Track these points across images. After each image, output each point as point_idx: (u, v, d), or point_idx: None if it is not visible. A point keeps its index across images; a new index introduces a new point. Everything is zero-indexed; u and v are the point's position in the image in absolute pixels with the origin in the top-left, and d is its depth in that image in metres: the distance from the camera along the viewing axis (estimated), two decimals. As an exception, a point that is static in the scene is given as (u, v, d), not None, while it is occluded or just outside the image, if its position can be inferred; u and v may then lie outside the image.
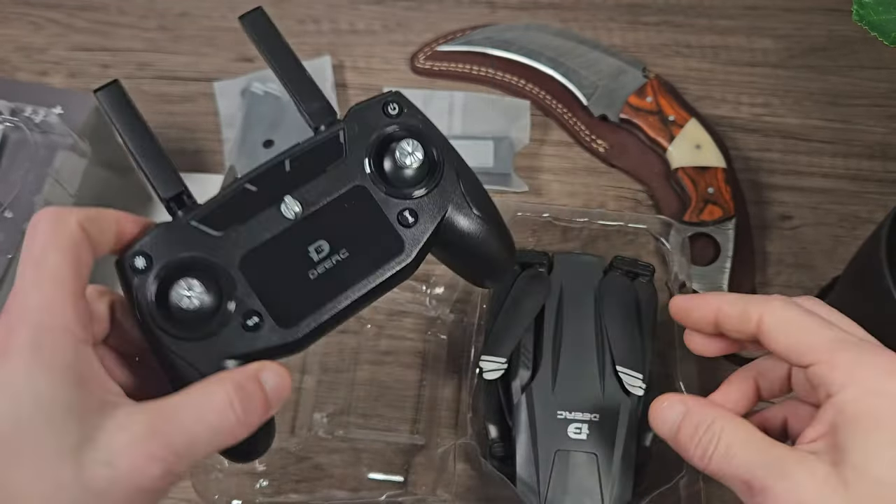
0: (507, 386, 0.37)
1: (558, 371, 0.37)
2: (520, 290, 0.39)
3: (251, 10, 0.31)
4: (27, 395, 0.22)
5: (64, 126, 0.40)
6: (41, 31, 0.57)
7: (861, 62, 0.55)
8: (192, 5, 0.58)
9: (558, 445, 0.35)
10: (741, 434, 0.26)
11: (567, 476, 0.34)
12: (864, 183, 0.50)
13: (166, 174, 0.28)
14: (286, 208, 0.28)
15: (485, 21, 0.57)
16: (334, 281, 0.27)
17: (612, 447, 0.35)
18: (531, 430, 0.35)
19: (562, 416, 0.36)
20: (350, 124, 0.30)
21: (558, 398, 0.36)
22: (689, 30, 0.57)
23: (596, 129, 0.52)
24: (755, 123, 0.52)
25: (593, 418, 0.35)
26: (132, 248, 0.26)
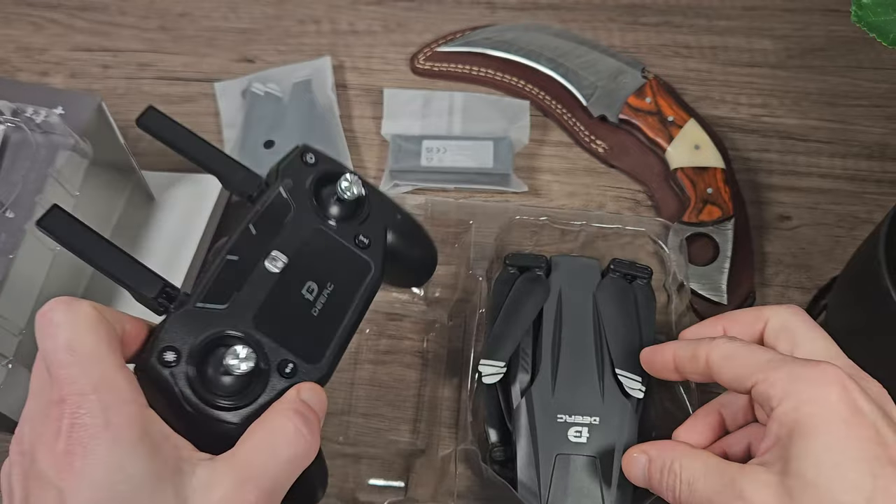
0: (507, 390, 0.37)
1: (558, 374, 0.37)
2: (518, 293, 0.39)
3: (144, 111, 0.33)
4: (119, 477, 0.23)
5: (65, 126, 0.40)
6: (42, 31, 0.57)
7: (860, 63, 0.55)
8: (192, 6, 0.58)
9: (559, 449, 0.35)
10: (699, 466, 0.28)
11: (568, 479, 0.34)
12: (862, 183, 0.50)
13: (142, 276, 0.29)
14: (272, 264, 0.30)
15: (484, 22, 0.58)
16: (333, 311, 0.31)
17: (612, 450, 0.35)
18: (531, 434, 0.35)
19: (562, 420, 0.36)
20: (284, 181, 0.33)
21: (558, 402, 0.36)
22: (688, 30, 0.57)
23: (595, 129, 0.52)
24: (754, 124, 0.53)
25: (593, 421, 0.36)
26: (155, 348, 0.27)
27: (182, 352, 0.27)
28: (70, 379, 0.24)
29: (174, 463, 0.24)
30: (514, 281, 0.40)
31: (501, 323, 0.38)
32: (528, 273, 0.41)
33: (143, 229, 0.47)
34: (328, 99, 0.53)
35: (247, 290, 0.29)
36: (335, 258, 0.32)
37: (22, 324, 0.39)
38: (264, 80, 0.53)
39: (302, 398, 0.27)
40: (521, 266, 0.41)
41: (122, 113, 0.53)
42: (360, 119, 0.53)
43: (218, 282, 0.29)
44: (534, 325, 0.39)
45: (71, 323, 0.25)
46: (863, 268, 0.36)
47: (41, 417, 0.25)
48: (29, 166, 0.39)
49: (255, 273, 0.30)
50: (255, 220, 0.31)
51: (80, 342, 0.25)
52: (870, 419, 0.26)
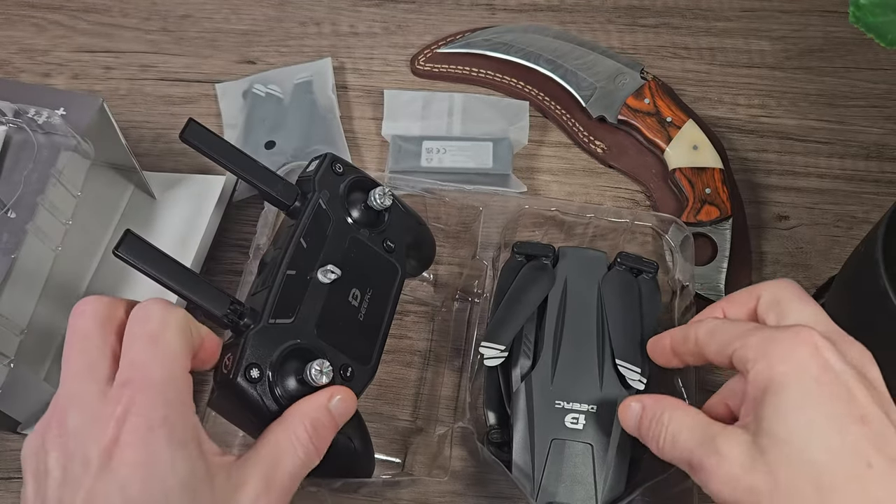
0: (507, 374, 0.38)
1: (558, 361, 0.37)
2: (524, 279, 0.40)
3: (186, 125, 0.34)
4: (169, 474, 0.24)
5: (67, 127, 0.40)
6: (44, 32, 0.58)
7: (857, 63, 0.55)
8: (194, 7, 0.59)
9: (554, 434, 0.35)
10: (687, 421, 0.29)
11: (562, 464, 0.35)
12: (860, 183, 0.50)
13: (212, 295, 0.31)
14: (324, 276, 0.33)
15: (484, 23, 0.58)
16: (374, 313, 0.35)
17: (607, 439, 0.35)
18: (528, 418, 0.36)
19: (559, 406, 0.36)
20: (322, 192, 0.36)
21: (557, 388, 0.36)
22: (686, 32, 0.57)
23: (594, 130, 0.52)
24: (752, 124, 0.53)
25: (591, 409, 0.36)
26: (241, 366, 0.30)
27: (264, 367, 0.30)
28: (144, 365, 0.25)
29: (215, 465, 0.26)
30: (521, 268, 0.41)
31: (505, 307, 0.39)
32: (534, 261, 0.41)
33: (144, 229, 0.48)
34: (329, 100, 0.53)
35: (307, 303, 0.33)
36: (371, 264, 0.36)
37: (24, 323, 0.39)
38: (265, 82, 0.54)
39: (329, 406, 0.29)
40: (528, 254, 0.41)
41: (124, 114, 0.54)
42: (360, 120, 0.54)
43: (283, 297, 0.32)
44: (538, 312, 0.39)
45: (163, 319, 0.27)
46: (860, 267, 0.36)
47: (94, 400, 0.25)
48: (31, 167, 0.39)
49: (311, 285, 0.33)
50: (304, 234, 0.34)
51: (166, 338, 0.26)
52: (842, 378, 0.26)
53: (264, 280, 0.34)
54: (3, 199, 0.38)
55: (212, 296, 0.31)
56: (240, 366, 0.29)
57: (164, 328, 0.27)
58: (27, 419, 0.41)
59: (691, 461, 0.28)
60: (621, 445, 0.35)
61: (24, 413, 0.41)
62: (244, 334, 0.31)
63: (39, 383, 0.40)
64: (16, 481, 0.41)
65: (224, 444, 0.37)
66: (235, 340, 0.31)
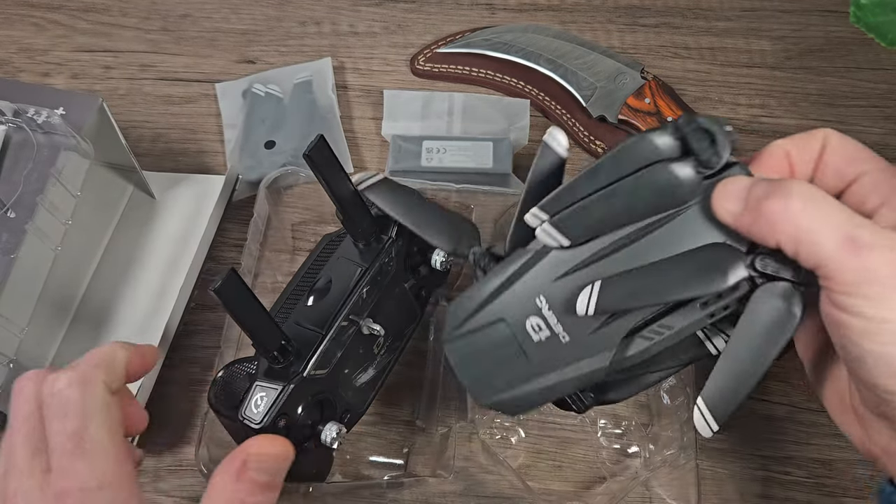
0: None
1: (591, 268, 0.27)
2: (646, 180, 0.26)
3: (315, 142, 0.34)
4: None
5: (66, 127, 0.40)
6: (44, 32, 0.58)
7: (858, 63, 0.55)
8: (194, 7, 0.59)
9: (507, 316, 0.29)
10: (826, 206, 0.23)
11: (488, 342, 0.29)
12: (861, 183, 0.50)
13: (272, 335, 0.32)
14: (367, 328, 0.35)
15: (484, 23, 0.58)
16: (386, 359, 0.37)
17: (550, 370, 0.28)
18: (501, 285, 0.29)
19: (538, 304, 0.28)
20: (398, 243, 0.37)
21: (557, 287, 0.28)
22: (686, 31, 0.57)
23: (594, 130, 0.52)
24: (753, 124, 0.53)
25: (562, 337, 0.28)
26: (270, 416, 0.31)
27: (290, 418, 0.32)
28: (75, 473, 0.24)
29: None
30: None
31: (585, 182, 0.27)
32: (679, 163, 0.29)
33: (144, 229, 0.47)
34: (329, 100, 0.53)
35: (344, 354, 0.34)
36: (401, 311, 0.38)
37: (23, 323, 0.39)
38: (265, 81, 0.54)
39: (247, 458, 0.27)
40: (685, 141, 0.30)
41: (124, 114, 0.54)
42: (360, 120, 0.54)
43: (327, 350, 0.34)
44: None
45: (83, 410, 0.25)
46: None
47: (38, 500, 0.24)
48: (31, 167, 0.39)
49: (353, 337, 0.35)
50: (370, 284, 0.35)
51: (90, 435, 0.24)
52: None
53: (295, 299, 0.36)
54: (3, 198, 0.38)
55: (272, 337, 0.32)
56: (270, 415, 0.31)
57: (85, 423, 0.25)
58: (27, 419, 0.41)
59: (857, 238, 0.22)
60: (558, 385, 0.29)
61: (24, 413, 0.41)
62: (285, 383, 0.32)
63: (39, 383, 0.40)
64: (15, 482, 0.41)
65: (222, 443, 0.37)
66: (270, 381, 0.32)
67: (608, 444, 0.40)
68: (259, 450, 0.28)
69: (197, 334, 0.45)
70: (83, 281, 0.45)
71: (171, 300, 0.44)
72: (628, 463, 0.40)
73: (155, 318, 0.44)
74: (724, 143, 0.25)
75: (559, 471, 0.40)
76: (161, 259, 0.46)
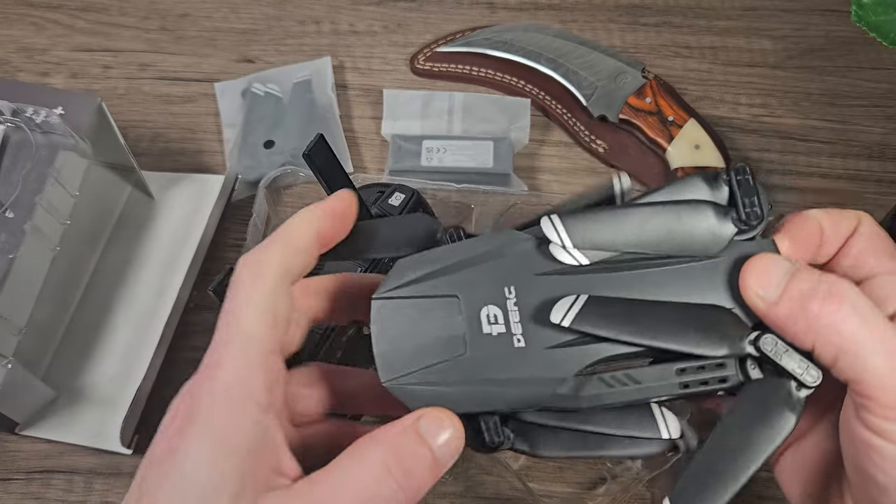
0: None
1: (577, 275, 0.24)
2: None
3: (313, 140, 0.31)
4: (195, 476, 0.20)
5: (65, 126, 0.40)
6: (43, 31, 0.57)
7: (859, 63, 0.55)
8: (193, 6, 0.58)
9: (462, 294, 0.24)
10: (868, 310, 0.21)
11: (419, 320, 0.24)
12: (862, 183, 0.50)
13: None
14: (366, 328, 0.29)
15: (484, 22, 0.58)
16: None
17: (486, 371, 0.24)
18: (480, 256, 0.25)
19: (505, 293, 0.24)
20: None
21: (531, 282, 0.24)
22: (687, 31, 0.57)
23: (595, 129, 0.52)
24: (754, 124, 0.53)
25: (517, 338, 0.24)
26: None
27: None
28: (215, 349, 0.21)
29: (260, 484, 0.20)
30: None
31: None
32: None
33: (142, 229, 0.47)
34: (328, 99, 0.53)
35: (345, 353, 0.35)
36: None
37: (22, 323, 0.39)
38: (264, 81, 0.53)
39: (419, 430, 0.22)
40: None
41: (123, 113, 0.53)
42: (360, 119, 0.53)
43: (328, 350, 0.33)
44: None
45: (246, 291, 0.22)
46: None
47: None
48: (29, 166, 0.39)
49: (353, 337, 0.35)
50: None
51: (241, 317, 0.21)
52: None
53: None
54: (1, 198, 0.38)
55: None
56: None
57: (241, 307, 0.21)
58: (25, 420, 0.41)
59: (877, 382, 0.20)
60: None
61: (23, 414, 0.40)
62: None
63: (38, 384, 0.40)
64: (15, 482, 0.41)
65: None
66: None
67: None
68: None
69: (195, 335, 0.44)
70: (81, 281, 0.45)
71: (170, 300, 0.44)
72: (629, 464, 0.40)
73: (153, 318, 0.44)
74: (766, 204, 0.23)
75: (560, 472, 0.40)
76: (159, 259, 0.46)
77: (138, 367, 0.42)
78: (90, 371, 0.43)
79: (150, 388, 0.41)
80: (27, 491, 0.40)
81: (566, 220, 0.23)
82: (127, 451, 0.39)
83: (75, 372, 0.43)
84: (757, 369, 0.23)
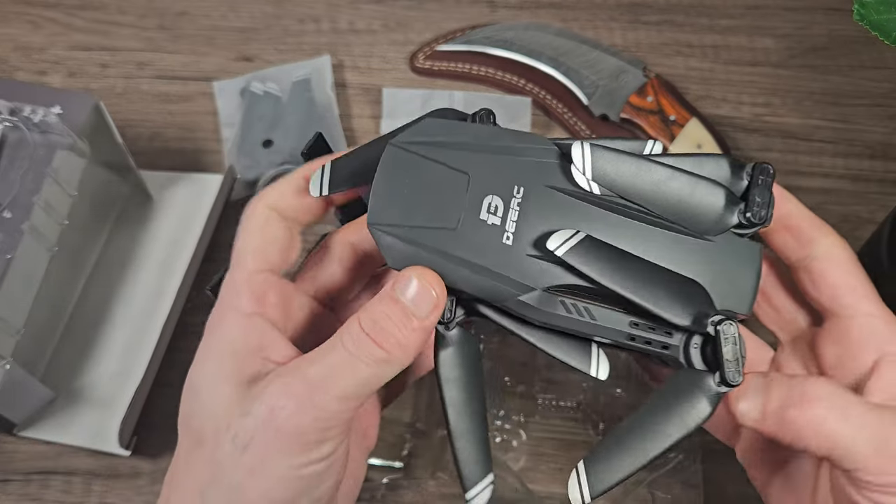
0: None
1: (585, 203, 0.24)
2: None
3: (312, 138, 0.30)
4: (199, 365, 0.25)
5: (63, 126, 0.39)
6: (40, 30, 0.57)
7: (862, 62, 0.54)
8: (191, 5, 0.58)
9: (473, 174, 0.24)
10: (839, 401, 0.23)
11: (425, 180, 0.25)
12: (865, 183, 0.50)
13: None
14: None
15: (485, 20, 0.57)
16: None
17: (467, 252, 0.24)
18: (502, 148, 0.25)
19: (514, 191, 0.24)
20: None
21: (540, 192, 0.24)
22: (689, 29, 0.57)
23: (597, 128, 0.52)
24: (756, 123, 0.52)
25: (507, 234, 0.24)
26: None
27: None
28: (235, 254, 0.27)
29: (252, 371, 0.24)
30: None
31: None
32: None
33: (140, 229, 0.47)
34: (327, 98, 0.53)
35: None
36: None
37: (20, 324, 0.38)
38: (263, 79, 0.53)
39: (394, 294, 0.23)
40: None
41: (121, 112, 0.53)
42: (359, 118, 0.53)
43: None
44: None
45: (243, 223, 0.27)
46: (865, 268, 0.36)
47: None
48: (26, 166, 0.38)
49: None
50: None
51: (237, 243, 0.26)
52: None
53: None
54: (-2, 198, 0.38)
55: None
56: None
57: (239, 235, 0.27)
58: (23, 421, 0.41)
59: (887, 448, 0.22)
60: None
61: (21, 415, 0.40)
62: None
63: (36, 385, 0.40)
64: (13, 483, 0.41)
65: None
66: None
67: None
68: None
69: (194, 335, 0.44)
70: (79, 281, 0.45)
71: (168, 301, 0.43)
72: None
73: (151, 318, 0.44)
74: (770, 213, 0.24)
75: (560, 473, 0.40)
76: (157, 259, 0.46)
77: (137, 367, 0.42)
78: (88, 372, 0.42)
79: (149, 390, 0.41)
80: (25, 492, 0.40)
81: (595, 152, 0.24)
82: (125, 453, 0.39)
83: (73, 373, 0.42)
84: (698, 349, 0.24)
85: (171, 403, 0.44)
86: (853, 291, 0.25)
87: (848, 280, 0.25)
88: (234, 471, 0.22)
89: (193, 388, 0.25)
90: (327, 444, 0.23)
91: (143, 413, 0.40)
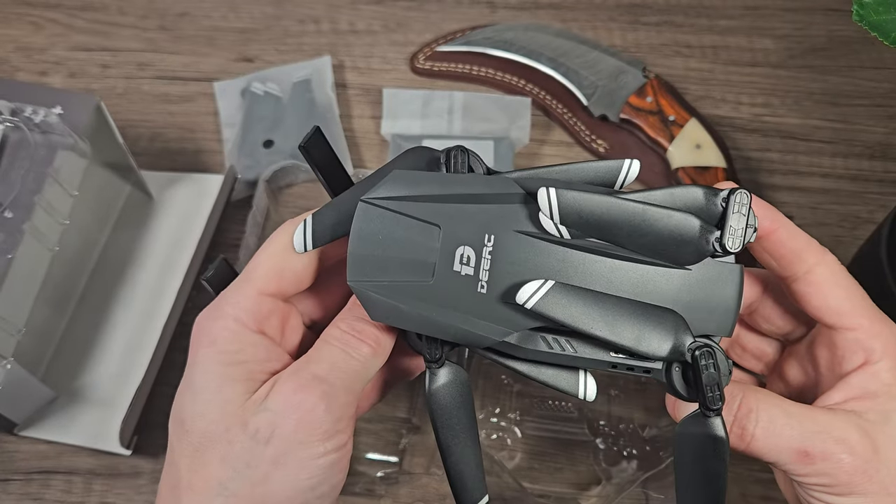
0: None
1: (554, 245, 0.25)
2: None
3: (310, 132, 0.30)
4: (202, 371, 0.26)
5: (64, 126, 0.40)
6: (41, 31, 0.57)
7: (861, 62, 0.55)
8: (192, 5, 0.58)
9: (445, 226, 0.25)
10: (777, 403, 0.25)
11: (398, 237, 0.25)
12: (864, 183, 0.50)
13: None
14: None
15: (485, 21, 0.57)
16: None
17: (443, 304, 0.25)
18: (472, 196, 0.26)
19: (485, 240, 0.25)
20: None
21: (509, 238, 0.25)
22: (689, 30, 0.57)
23: (596, 129, 0.52)
24: (755, 123, 0.52)
25: (481, 284, 0.25)
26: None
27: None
28: (252, 264, 0.27)
29: (249, 376, 0.25)
30: None
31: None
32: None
33: (141, 229, 0.47)
34: (328, 98, 0.53)
35: None
36: None
37: (21, 324, 0.38)
38: (263, 80, 0.53)
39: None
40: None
41: (121, 113, 0.53)
42: (359, 119, 0.53)
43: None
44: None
45: (268, 243, 0.27)
46: (865, 268, 0.36)
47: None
48: (28, 166, 0.38)
49: None
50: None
51: (253, 261, 0.27)
52: None
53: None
54: (0, 198, 0.38)
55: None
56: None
57: (258, 254, 0.27)
58: (24, 420, 0.41)
59: (810, 451, 0.24)
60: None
61: (21, 414, 0.40)
62: None
63: (37, 384, 0.40)
64: (14, 483, 0.41)
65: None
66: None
67: (605, 445, 0.40)
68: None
69: (195, 335, 0.44)
70: (80, 281, 0.45)
71: (169, 301, 0.44)
72: (625, 465, 0.39)
73: (152, 318, 0.44)
74: (750, 235, 0.24)
75: (556, 472, 0.40)
76: (158, 259, 0.46)
77: (137, 367, 0.42)
78: (89, 371, 0.43)
79: (150, 389, 0.41)
80: (26, 492, 0.40)
81: (562, 197, 0.24)
82: (126, 452, 0.39)
83: (74, 372, 0.42)
84: (679, 373, 0.25)
85: (171, 403, 0.44)
86: (835, 313, 0.26)
87: (829, 303, 0.26)
88: (258, 463, 0.24)
89: (193, 391, 0.25)
90: (340, 435, 0.25)
91: (143, 412, 0.40)
